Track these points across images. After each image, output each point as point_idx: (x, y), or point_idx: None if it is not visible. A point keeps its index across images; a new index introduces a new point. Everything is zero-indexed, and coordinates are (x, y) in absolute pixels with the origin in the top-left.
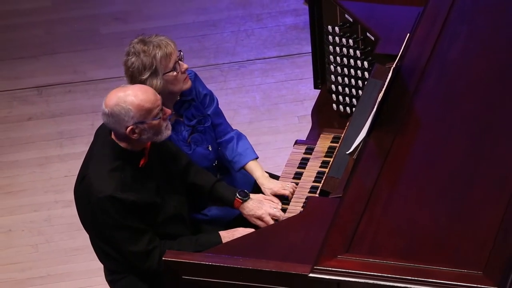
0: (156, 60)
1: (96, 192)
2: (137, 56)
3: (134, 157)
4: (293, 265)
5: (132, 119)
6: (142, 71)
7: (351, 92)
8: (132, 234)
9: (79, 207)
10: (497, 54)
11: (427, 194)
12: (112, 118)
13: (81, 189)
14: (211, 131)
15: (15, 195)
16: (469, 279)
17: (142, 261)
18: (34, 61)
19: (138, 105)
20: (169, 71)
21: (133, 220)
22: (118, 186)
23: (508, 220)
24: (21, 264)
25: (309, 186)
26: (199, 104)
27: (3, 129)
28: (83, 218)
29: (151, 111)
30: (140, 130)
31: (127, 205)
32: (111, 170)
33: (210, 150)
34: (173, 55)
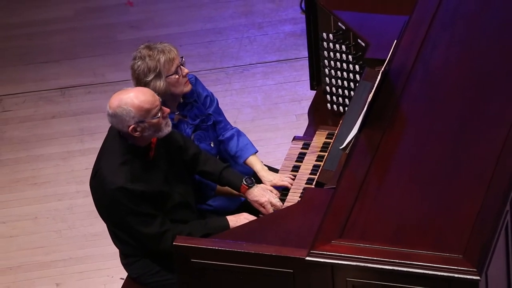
0: (160, 64)
1: (109, 184)
2: (143, 60)
3: (142, 151)
4: (291, 249)
5: (133, 118)
6: (147, 73)
7: (344, 93)
8: (144, 218)
9: (95, 198)
10: (475, 59)
11: (412, 185)
12: (115, 118)
13: (95, 182)
14: (213, 129)
15: (41, 186)
16: (450, 262)
17: (156, 243)
18: (58, 65)
19: (138, 106)
20: (172, 74)
21: (144, 207)
22: (128, 178)
23: (485, 209)
24: (46, 248)
25: (306, 178)
26: (200, 105)
27: (29, 126)
28: (99, 208)
29: (150, 111)
30: (142, 128)
31: (137, 194)
32: (121, 164)
33: (212, 146)
34: (175, 60)
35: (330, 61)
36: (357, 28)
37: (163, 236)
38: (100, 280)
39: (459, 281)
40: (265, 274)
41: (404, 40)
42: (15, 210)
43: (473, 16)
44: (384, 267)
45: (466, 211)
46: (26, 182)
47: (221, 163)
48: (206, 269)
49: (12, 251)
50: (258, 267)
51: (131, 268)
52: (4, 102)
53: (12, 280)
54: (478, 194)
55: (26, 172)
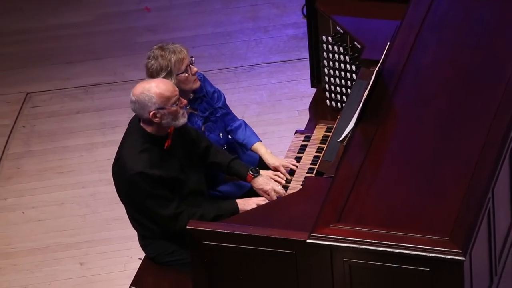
0: (171, 63)
1: (129, 170)
2: (156, 59)
3: (160, 140)
4: (294, 232)
5: (154, 104)
6: (159, 71)
7: (342, 90)
8: (161, 201)
9: (116, 183)
10: (461, 60)
11: (404, 174)
12: (138, 104)
13: (116, 168)
14: (222, 121)
15: (66, 174)
16: (438, 244)
17: (172, 224)
18: (81, 65)
19: (159, 93)
20: (181, 72)
21: (161, 190)
22: (147, 164)
23: (469, 195)
24: (71, 231)
25: (307, 168)
26: (209, 99)
27: (56, 120)
28: (119, 192)
29: (170, 98)
30: (161, 115)
31: (155, 178)
32: (140, 151)
33: (221, 137)
34: (185, 60)
35: (329, 61)
36: (354, 31)
37: (178, 217)
38: (120, 260)
39: (445, 261)
40: (269, 255)
41: (396, 42)
42: (44, 197)
43: (459, 21)
44: (378, 249)
45: (452, 198)
46: (54, 171)
47: (229, 155)
48: (216, 250)
49: (41, 234)
50: (263, 248)
51: (148, 249)
52: (33, 98)
53: (40, 259)
54: (463, 182)
55: (53, 162)
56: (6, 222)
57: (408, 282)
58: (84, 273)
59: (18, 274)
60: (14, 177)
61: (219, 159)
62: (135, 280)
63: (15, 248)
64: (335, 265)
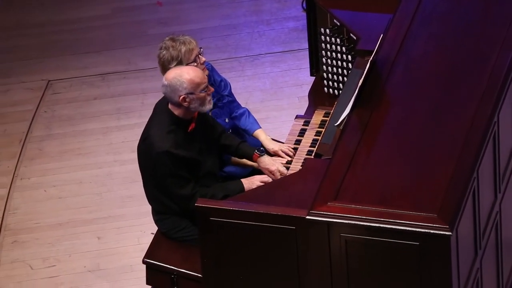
0: (181, 53)
1: (156, 148)
2: (167, 50)
3: (185, 123)
4: (294, 209)
5: (185, 89)
6: (170, 61)
7: (339, 78)
8: (181, 181)
9: (141, 160)
10: (449, 51)
11: (396, 155)
12: (169, 88)
13: (143, 146)
14: (227, 108)
15: (84, 156)
16: (427, 220)
17: (187, 202)
18: (98, 55)
19: (190, 79)
20: (191, 62)
21: (182, 171)
22: (173, 144)
23: (456, 175)
24: (89, 208)
25: (306, 150)
26: (216, 87)
27: (75, 106)
28: (144, 169)
29: (199, 85)
30: (190, 99)
31: (179, 158)
32: (167, 132)
33: (226, 122)
34: (194, 50)
35: (327, 51)
36: (350, 24)
37: (193, 197)
38: (134, 234)
39: (434, 236)
40: (271, 231)
41: (389, 34)
42: (64, 176)
43: (447, 15)
44: (371, 225)
45: (440, 177)
46: (72, 153)
47: (238, 139)
48: (223, 226)
49: (61, 210)
50: (266, 224)
51: (161, 224)
52: (54, 86)
53: (61, 234)
54: (450, 163)
55: (72, 144)
56: (29, 200)
57: (399, 255)
58: (101, 247)
59: (40, 247)
60: (36, 158)
61: (229, 142)
62: (148, 253)
63: (37, 223)
64: (332, 239)
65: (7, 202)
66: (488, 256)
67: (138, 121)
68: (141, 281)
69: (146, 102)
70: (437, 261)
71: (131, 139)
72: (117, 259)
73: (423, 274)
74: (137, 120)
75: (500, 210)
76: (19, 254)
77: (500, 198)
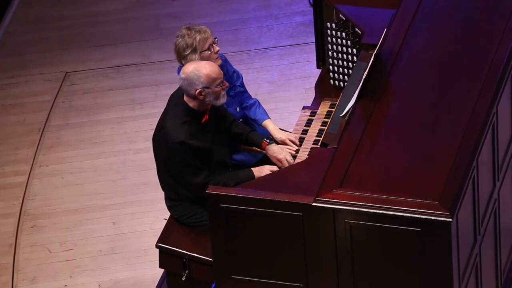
0: (196, 41)
1: (172, 139)
2: (182, 38)
3: (199, 115)
4: (301, 196)
5: (201, 83)
6: (185, 48)
7: (344, 71)
8: (194, 170)
9: (156, 150)
10: (449, 43)
11: (398, 145)
12: (187, 81)
13: (159, 136)
14: (239, 98)
15: (100, 144)
16: (428, 207)
17: (200, 190)
18: (113, 48)
19: (207, 74)
20: (205, 50)
21: (196, 160)
22: (187, 135)
23: (456, 164)
24: (104, 194)
25: (313, 139)
26: (229, 77)
27: (91, 96)
28: (159, 158)
29: (215, 80)
30: (205, 93)
31: (193, 149)
32: (182, 123)
33: (237, 111)
34: (208, 39)
35: (333, 45)
36: (355, 18)
37: (206, 185)
38: (147, 220)
39: (435, 222)
40: (279, 217)
41: (392, 28)
42: (80, 164)
43: (447, 10)
44: (375, 211)
45: (441, 166)
46: (89, 142)
47: (248, 128)
48: (232, 212)
49: (78, 196)
50: (274, 211)
51: (173, 210)
52: (71, 77)
53: (78, 219)
54: (451, 152)
55: (88, 133)
56: (47, 186)
57: (402, 240)
58: (115, 231)
59: (58, 232)
60: (54, 146)
61: (239, 130)
62: (161, 237)
63: (55, 209)
64: (337, 225)
65: (27, 188)
66: (487, 241)
67: (152, 112)
68: (154, 265)
69: (159, 93)
70: (437, 246)
71: (145, 129)
72: (131, 244)
73: (424, 258)
74: (151, 111)
75: (498, 198)
76: (38, 238)
77: (499, 186)
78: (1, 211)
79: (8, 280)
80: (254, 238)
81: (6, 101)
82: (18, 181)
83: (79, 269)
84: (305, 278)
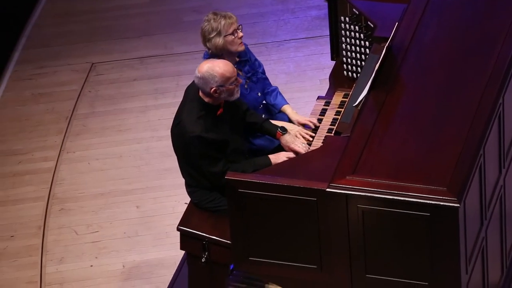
0: (221, 25)
1: (189, 133)
2: (208, 22)
3: (214, 108)
4: (315, 182)
5: (216, 82)
6: (210, 32)
7: (357, 63)
8: (212, 160)
9: (174, 142)
10: (458, 37)
11: (409, 133)
12: (202, 80)
13: (177, 130)
14: (261, 83)
15: (124, 132)
16: (437, 193)
17: (219, 179)
18: (137, 40)
19: (221, 73)
20: (229, 34)
21: (213, 151)
22: (203, 129)
23: (464, 152)
24: (128, 179)
25: (327, 128)
26: (252, 64)
27: (116, 86)
28: (177, 150)
29: (229, 79)
30: (220, 91)
31: (209, 141)
32: (198, 118)
33: (259, 95)
34: (233, 24)
35: (346, 38)
36: (368, 13)
37: (224, 173)
38: (169, 204)
39: (443, 207)
40: (294, 202)
41: (403, 22)
42: (105, 150)
43: (456, 5)
44: (386, 197)
45: (450, 154)
46: (114, 129)
47: (262, 117)
48: (250, 197)
49: (103, 181)
50: (289, 196)
51: (193, 196)
52: (97, 68)
53: (103, 203)
54: (459, 141)
55: (113, 121)
56: (74, 171)
57: (411, 225)
58: (139, 215)
59: (84, 215)
60: (81, 133)
61: (254, 119)
62: (182, 221)
63: (82, 193)
64: (350, 210)
65: (55, 173)
66: (493, 226)
67: (173, 101)
68: (175, 247)
69: (181, 83)
70: (446, 230)
71: (167, 117)
72: (154, 226)
73: (433, 242)
74: (172, 100)
75: (504, 184)
76: (65, 220)
77: (504, 173)
78: (31, 195)
79: (37, 260)
80: (271, 222)
81: (35, 90)
82: (46, 167)
83: (105, 250)
84: (319, 260)
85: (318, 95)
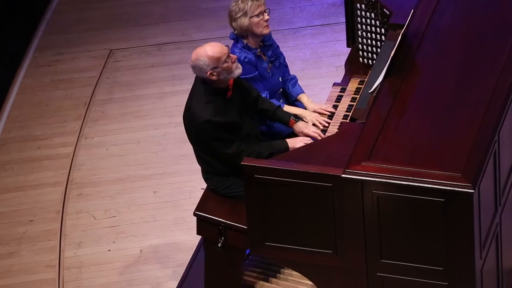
0: (247, 6)
1: (198, 118)
2: (236, 3)
3: (222, 91)
4: (331, 168)
5: (208, 66)
6: (237, 12)
7: (373, 50)
8: (225, 143)
9: (187, 128)
10: (473, 25)
11: (424, 120)
12: (195, 68)
13: (187, 116)
14: (282, 69)
15: (142, 118)
16: (452, 179)
17: (234, 160)
18: (156, 27)
19: (210, 56)
20: (255, 15)
21: (224, 134)
22: (213, 113)
23: (479, 138)
24: (146, 165)
25: (342, 114)
26: (275, 49)
27: (134, 73)
28: (189, 135)
29: (220, 58)
30: (217, 73)
31: (220, 124)
32: (206, 102)
33: (279, 80)
34: (260, 7)
35: (362, 25)
36: (383, 0)
37: (240, 154)
38: (186, 189)
39: (458, 193)
40: (310, 187)
41: (419, 9)
42: (124, 136)
43: None
44: (401, 183)
45: (465, 140)
46: (132, 115)
47: (274, 104)
48: (266, 183)
49: (121, 167)
50: (305, 181)
51: (209, 182)
52: (115, 54)
53: (121, 188)
54: (474, 127)
55: (131, 107)
56: (93, 157)
57: (426, 210)
58: (156, 200)
59: (103, 200)
60: (99, 119)
61: (267, 106)
62: (198, 206)
63: (100, 178)
64: (365, 196)
65: (73, 159)
66: (507, 211)
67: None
68: (192, 231)
69: None
70: (460, 216)
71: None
72: (171, 212)
73: (448, 227)
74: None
75: None
76: (83, 205)
77: None
78: (50, 180)
79: (56, 244)
80: (287, 207)
81: (55, 76)
82: (65, 152)
83: (122, 235)
84: (334, 245)
85: (334, 81)
